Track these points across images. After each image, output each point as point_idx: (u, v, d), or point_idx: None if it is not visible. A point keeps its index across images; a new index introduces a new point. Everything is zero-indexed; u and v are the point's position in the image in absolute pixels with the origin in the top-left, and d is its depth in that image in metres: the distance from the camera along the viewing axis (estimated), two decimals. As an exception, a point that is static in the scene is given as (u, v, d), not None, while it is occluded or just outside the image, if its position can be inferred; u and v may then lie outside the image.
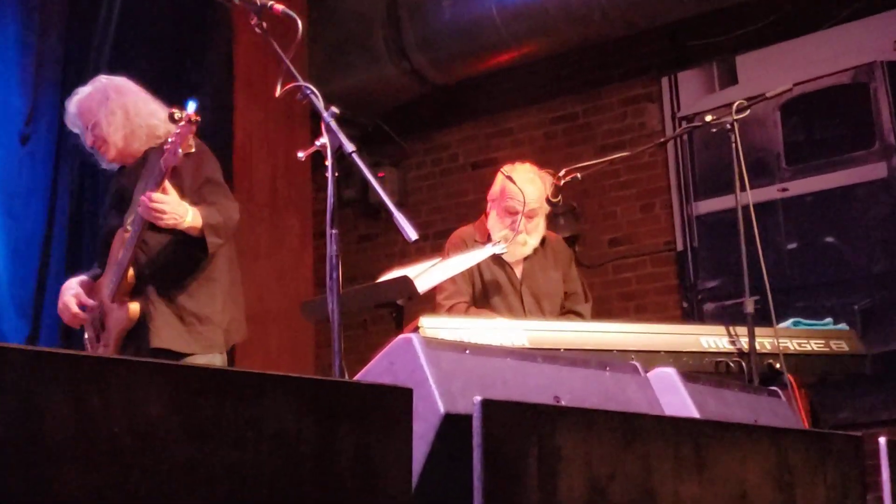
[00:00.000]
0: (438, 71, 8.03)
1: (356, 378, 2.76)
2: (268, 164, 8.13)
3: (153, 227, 4.18)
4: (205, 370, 2.04)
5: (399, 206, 3.40)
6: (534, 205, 4.90)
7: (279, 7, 3.42)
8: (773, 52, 7.29)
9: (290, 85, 3.32)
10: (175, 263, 4.31)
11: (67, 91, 6.65)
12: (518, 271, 5.03)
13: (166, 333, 4.25)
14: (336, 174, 3.15)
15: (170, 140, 3.94)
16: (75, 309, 4.43)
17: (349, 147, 3.15)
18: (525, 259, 5.03)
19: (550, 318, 4.91)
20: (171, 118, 3.86)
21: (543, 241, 5.07)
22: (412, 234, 3.01)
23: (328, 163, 3.16)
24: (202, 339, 4.30)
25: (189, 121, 3.84)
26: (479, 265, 4.92)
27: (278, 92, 3.32)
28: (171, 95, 4.57)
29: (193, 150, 3.97)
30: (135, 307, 4.26)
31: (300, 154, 3.53)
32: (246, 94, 7.82)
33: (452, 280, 4.83)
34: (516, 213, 4.86)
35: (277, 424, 2.01)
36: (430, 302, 4.91)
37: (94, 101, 4.45)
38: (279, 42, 3.41)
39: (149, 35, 7.19)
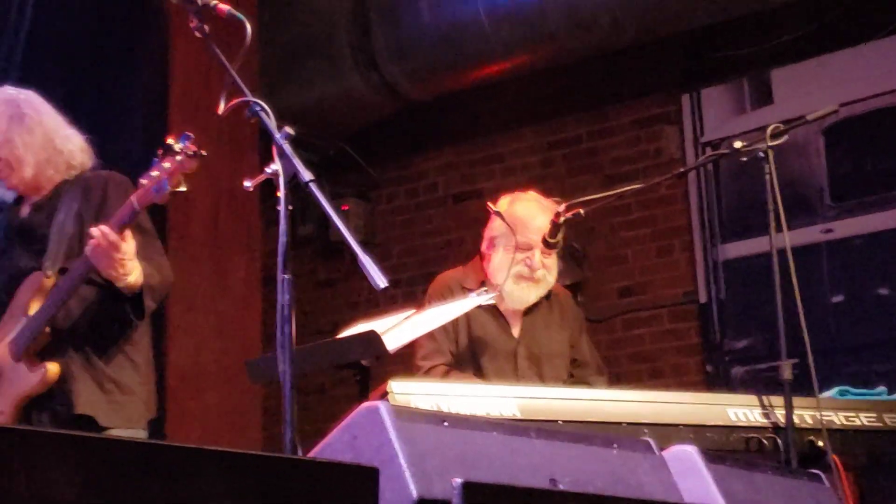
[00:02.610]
0: (414, 84, 8.06)
1: (311, 454, 2.75)
2: (208, 195, 8.12)
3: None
4: (128, 443, 2.03)
5: (365, 245, 3.40)
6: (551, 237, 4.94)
7: (224, 7, 3.43)
8: (815, 66, 7.35)
9: (237, 100, 3.32)
10: (100, 322, 4.32)
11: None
12: (516, 327, 5.03)
13: (89, 399, 4.24)
14: (290, 207, 3.15)
15: (153, 173, 3.90)
16: None
17: (306, 175, 3.15)
18: (525, 313, 5.04)
19: (548, 383, 4.90)
20: (168, 149, 3.85)
21: (549, 295, 5.09)
22: (381, 280, 3.01)
23: (280, 194, 3.16)
24: (122, 412, 4.31)
25: (191, 154, 3.82)
26: (469, 317, 4.92)
27: (222, 109, 3.33)
28: (94, 112, 4.58)
29: (184, 188, 3.95)
30: (54, 369, 4.24)
31: (247, 183, 3.52)
32: (182, 111, 7.81)
33: (431, 336, 4.83)
34: (531, 247, 4.89)
35: (215, 510, 2.01)
36: (401, 363, 4.90)
37: (4, 114, 4.44)
38: (224, 49, 3.42)
39: (67, 41, 7.19)
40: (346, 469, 2.31)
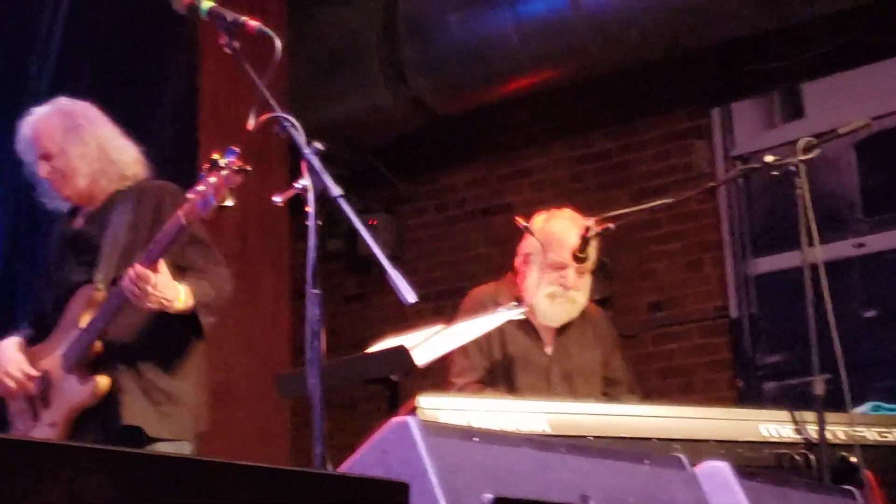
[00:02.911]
0: (443, 99, 8.07)
1: (341, 469, 2.75)
2: (237, 210, 8.11)
3: None
4: (159, 458, 2.03)
5: (394, 260, 3.40)
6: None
7: (254, 24, 3.45)
8: (846, 79, 7.33)
9: (266, 116, 3.33)
10: (155, 339, 4.34)
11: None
12: (549, 345, 5.03)
13: (136, 410, 4.27)
14: (319, 222, 3.16)
15: (200, 188, 3.90)
16: (20, 377, 4.42)
17: (335, 190, 3.16)
18: (559, 331, 5.04)
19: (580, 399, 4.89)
20: (213, 164, 3.86)
21: (583, 314, 5.09)
22: (410, 295, 3.01)
23: (309, 209, 3.17)
24: (170, 423, 4.33)
25: (236, 169, 3.84)
26: (503, 333, 4.93)
27: (251, 124, 3.33)
28: (123, 127, 4.60)
29: (230, 203, 3.96)
30: (104, 382, 4.26)
31: (276, 198, 3.53)
32: (212, 127, 7.84)
33: (465, 352, 4.84)
34: (564, 266, 4.89)
35: (244, 525, 2.01)
36: (429, 378, 4.90)
37: (59, 126, 4.48)
38: (253, 65, 3.43)
39: (98, 58, 7.23)
40: (376, 484, 2.31)
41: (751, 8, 6.92)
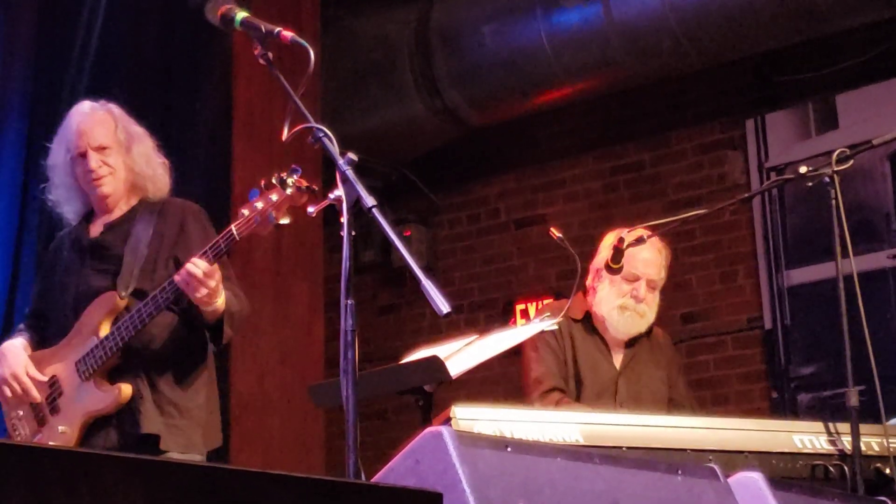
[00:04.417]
0: (476, 110, 8.08)
1: (374, 479, 2.76)
2: (271, 221, 8.16)
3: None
4: (192, 467, 2.04)
5: (427, 271, 3.41)
6: (655, 274, 5.04)
7: (288, 34, 3.46)
8: (880, 90, 7.30)
9: (300, 126, 3.34)
10: (174, 347, 4.36)
11: (35, 132, 6.73)
12: (618, 357, 5.06)
13: (153, 420, 4.28)
14: (353, 233, 3.17)
15: (258, 204, 3.92)
16: (26, 382, 4.43)
17: (369, 201, 3.16)
18: (628, 346, 5.08)
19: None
20: (281, 181, 3.87)
21: (650, 335, 5.13)
22: (443, 305, 3.01)
23: (343, 220, 3.18)
24: (180, 436, 4.34)
25: (302, 188, 3.86)
26: (574, 343, 5.01)
27: (285, 135, 3.35)
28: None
29: (287, 221, 3.98)
30: (127, 391, 4.27)
31: (310, 209, 3.55)
32: (246, 137, 7.87)
33: (540, 358, 4.93)
34: (637, 279, 4.97)
35: (279, 534, 2.01)
36: (464, 388, 4.91)
37: (117, 123, 4.50)
38: (287, 75, 3.44)
39: (132, 67, 7.27)
40: (409, 494, 2.31)
41: (785, 19, 6.90)
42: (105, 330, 4.30)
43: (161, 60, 7.49)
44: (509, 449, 2.77)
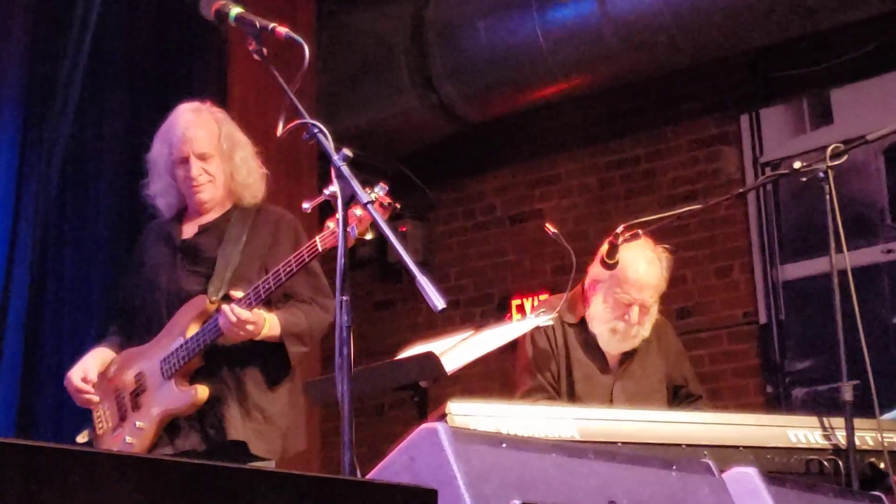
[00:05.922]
0: (472, 106, 8.07)
1: (369, 476, 2.75)
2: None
3: None
4: (186, 465, 2.03)
5: (423, 267, 3.39)
6: (650, 300, 4.92)
7: (283, 30, 3.45)
8: (875, 85, 7.30)
9: (295, 122, 3.34)
10: (259, 351, 4.37)
11: (28, 133, 6.71)
12: (613, 364, 5.01)
13: (239, 426, 4.31)
14: (348, 229, 3.16)
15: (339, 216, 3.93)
16: (77, 385, 4.46)
17: (364, 197, 3.16)
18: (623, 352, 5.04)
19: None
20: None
21: None
22: (439, 301, 3.01)
23: (339, 215, 3.17)
24: (264, 440, 4.36)
25: (386, 205, 3.84)
26: (568, 348, 4.94)
27: (280, 131, 3.34)
28: (152, 134, 4.61)
29: (370, 237, 3.97)
30: (203, 392, 4.30)
31: (305, 205, 3.54)
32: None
33: (531, 373, 4.86)
34: (631, 304, 4.87)
35: (274, 531, 2.01)
36: (458, 384, 4.91)
37: (220, 131, 4.50)
38: (282, 71, 3.43)
39: (126, 62, 7.26)
40: (404, 490, 2.31)
41: (779, 14, 6.90)
42: (192, 331, 4.31)
43: (156, 55, 7.48)
44: (504, 445, 2.77)
